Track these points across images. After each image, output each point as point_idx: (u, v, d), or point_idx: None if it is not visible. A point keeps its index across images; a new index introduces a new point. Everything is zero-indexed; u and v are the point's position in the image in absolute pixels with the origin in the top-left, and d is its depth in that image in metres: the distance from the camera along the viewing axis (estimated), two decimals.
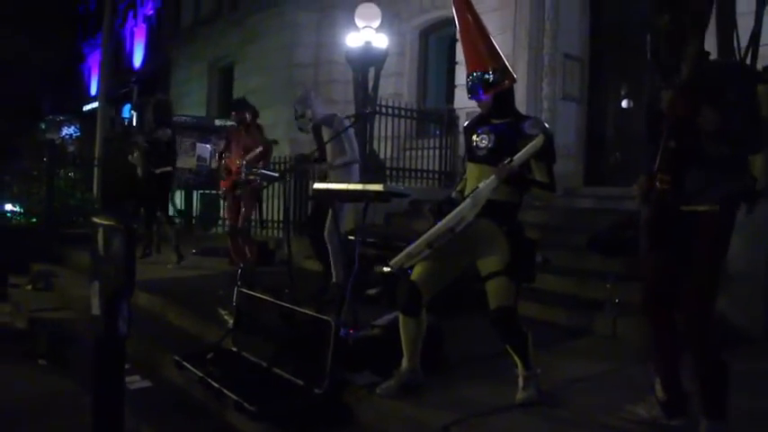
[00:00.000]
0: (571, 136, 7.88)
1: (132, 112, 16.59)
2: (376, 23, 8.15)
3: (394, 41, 9.74)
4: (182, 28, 16.37)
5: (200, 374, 3.80)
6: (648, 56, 2.86)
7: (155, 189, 7.84)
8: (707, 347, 2.75)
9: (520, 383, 3.21)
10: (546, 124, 3.41)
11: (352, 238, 5.13)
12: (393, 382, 3.35)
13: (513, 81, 3.36)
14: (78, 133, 18.82)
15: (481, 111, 3.39)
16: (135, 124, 14.78)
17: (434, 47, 10.84)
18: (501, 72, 3.29)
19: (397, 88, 10.47)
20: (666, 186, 2.72)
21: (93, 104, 18.47)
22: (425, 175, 8.56)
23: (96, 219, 2.56)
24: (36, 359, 4.86)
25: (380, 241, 5.31)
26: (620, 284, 4.45)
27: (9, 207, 11.68)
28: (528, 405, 3.16)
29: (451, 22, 4.37)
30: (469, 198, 3.17)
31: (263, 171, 5.72)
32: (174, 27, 17.02)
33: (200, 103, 14.63)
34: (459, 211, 3.16)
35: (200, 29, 15.06)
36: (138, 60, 21.45)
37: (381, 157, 8.30)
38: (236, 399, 3.41)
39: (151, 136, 7.77)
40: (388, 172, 8.08)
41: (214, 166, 9.90)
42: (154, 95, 10.16)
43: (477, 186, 3.19)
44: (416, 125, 9.49)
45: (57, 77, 25.24)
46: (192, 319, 5.21)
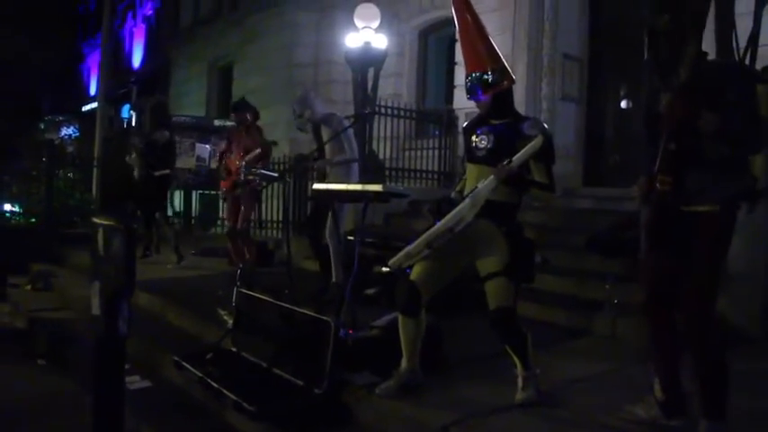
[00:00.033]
0: (570, 136, 7.88)
1: (131, 112, 16.56)
2: (375, 24, 8.16)
3: (393, 42, 9.74)
4: (181, 28, 16.34)
5: (200, 374, 3.80)
6: (646, 56, 2.86)
7: (152, 191, 7.84)
8: (707, 347, 2.75)
9: (519, 384, 3.21)
10: (545, 125, 3.40)
11: (352, 238, 5.12)
12: (392, 382, 3.35)
13: (512, 81, 3.35)
14: (77, 133, 18.77)
15: (480, 111, 3.39)
16: (134, 125, 14.79)
17: (434, 47, 10.83)
18: (500, 72, 3.29)
19: (397, 88, 10.46)
20: (667, 188, 2.72)
21: (93, 105, 18.45)
22: (425, 176, 8.56)
23: (96, 219, 2.57)
24: (36, 359, 4.87)
25: (380, 241, 5.30)
26: (620, 285, 4.45)
27: (8, 207, 11.69)
28: (527, 405, 3.17)
29: (451, 22, 4.37)
30: (468, 198, 3.16)
31: (262, 171, 5.71)
32: (174, 27, 17.00)
33: (199, 104, 14.61)
34: (458, 211, 3.16)
35: (199, 29, 15.04)
36: (138, 60, 21.45)
37: (381, 157, 8.30)
38: (235, 399, 3.41)
39: (149, 138, 7.77)
40: (387, 172, 8.08)
41: (213, 166, 9.91)
42: (152, 97, 10.18)
43: (477, 187, 3.19)
44: (416, 125, 9.48)
45: (56, 77, 25.22)
46: (192, 320, 5.21)
